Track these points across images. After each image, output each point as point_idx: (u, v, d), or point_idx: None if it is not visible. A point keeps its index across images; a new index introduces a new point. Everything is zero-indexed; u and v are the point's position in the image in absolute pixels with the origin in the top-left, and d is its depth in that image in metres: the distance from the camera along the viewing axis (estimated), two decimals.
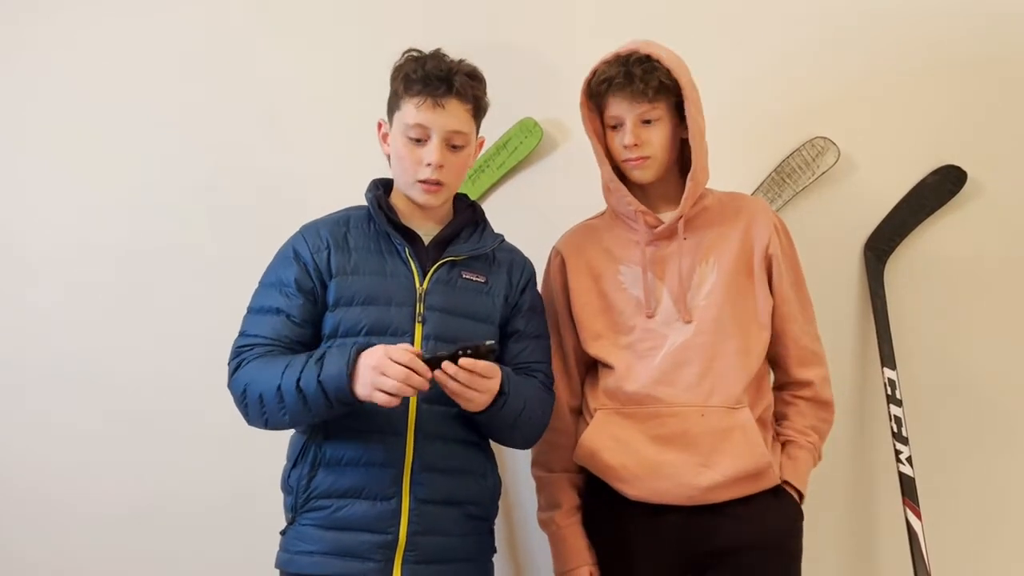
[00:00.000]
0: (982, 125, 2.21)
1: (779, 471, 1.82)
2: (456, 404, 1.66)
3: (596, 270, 1.91)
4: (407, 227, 1.79)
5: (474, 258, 1.80)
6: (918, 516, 2.06)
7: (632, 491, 1.80)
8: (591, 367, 1.92)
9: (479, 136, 1.83)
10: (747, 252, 1.88)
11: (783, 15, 2.26)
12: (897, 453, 2.10)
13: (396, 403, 1.58)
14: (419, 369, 1.57)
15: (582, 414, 1.91)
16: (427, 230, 1.81)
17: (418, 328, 1.72)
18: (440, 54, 1.77)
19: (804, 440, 1.87)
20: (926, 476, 2.11)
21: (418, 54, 1.78)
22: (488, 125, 1.85)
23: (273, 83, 2.36)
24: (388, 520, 1.67)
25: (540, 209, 2.24)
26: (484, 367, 1.60)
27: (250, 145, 2.35)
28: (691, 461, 1.78)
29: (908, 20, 2.22)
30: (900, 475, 2.09)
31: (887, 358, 2.14)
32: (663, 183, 1.88)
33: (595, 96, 1.85)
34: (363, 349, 1.61)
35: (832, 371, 1.94)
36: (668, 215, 1.87)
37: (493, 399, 1.65)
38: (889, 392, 2.12)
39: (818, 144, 2.20)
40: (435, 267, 1.76)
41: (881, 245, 2.20)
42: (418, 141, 1.74)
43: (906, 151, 2.21)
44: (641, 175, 1.86)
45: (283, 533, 1.75)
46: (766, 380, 1.91)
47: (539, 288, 1.93)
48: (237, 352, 1.72)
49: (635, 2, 2.27)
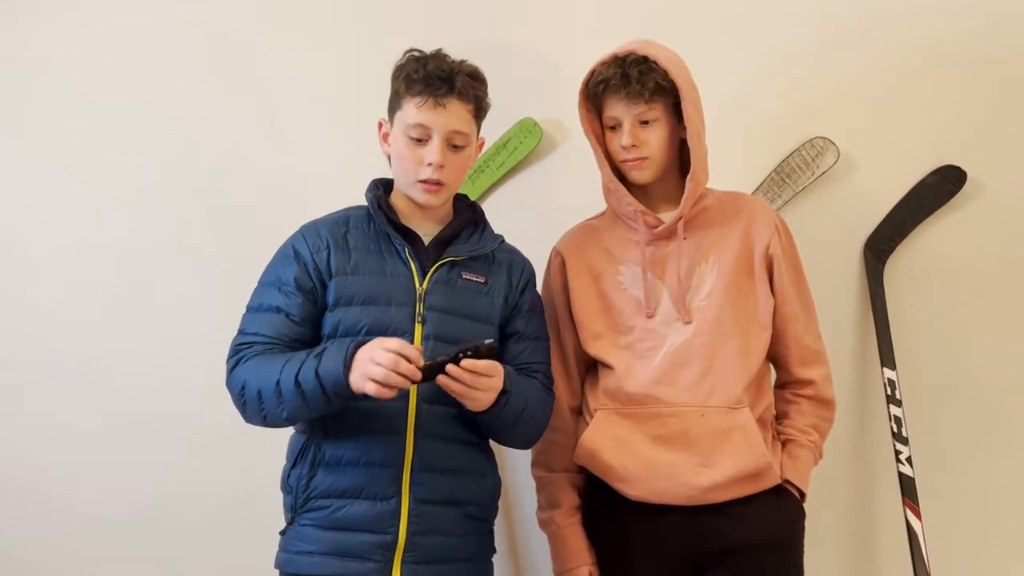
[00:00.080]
0: (982, 125, 2.21)
1: (780, 470, 1.82)
2: (456, 404, 1.66)
3: (596, 270, 1.91)
4: (407, 227, 1.79)
5: (474, 258, 1.80)
6: (918, 516, 2.06)
7: (632, 491, 1.80)
8: (591, 367, 1.92)
9: (479, 137, 1.83)
10: (747, 252, 1.87)
11: (783, 15, 2.25)
12: (897, 453, 2.10)
13: (389, 395, 1.56)
14: (409, 355, 1.55)
15: (582, 414, 1.91)
16: (427, 230, 1.81)
17: (418, 328, 1.72)
18: (442, 54, 1.77)
19: (805, 439, 1.87)
20: (926, 476, 2.11)
21: (420, 54, 1.77)
22: (488, 125, 1.85)
23: (273, 83, 2.36)
24: (388, 520, 1.67)
25: (540, 209, 2.24)
26: (486, 366, 1.60)
27: (250, 145, 2.35)
28: (691, 461, 1.77)
29: (908, 20, 2.22)
30: (900, 475, 2.09)
31: (887, 358, 2.14)
32: (663, 183, 1.88)
33: (593, 97, 1.85)
34: (362, 344, 1.60)
35: (832, 371, 1.94)
36: (668, 215, 1.87)
37: (496, 398, 1.65)
38: (889, 392, 2.12)
39: (818, 144, 2.20)
40: (435, 267, 1.76)
41: (881, 245, 2.20)
42: (419, 141, 1.74)
43: (906, 151, 2.21)
44: (639, 176, 1.86)
45: (283, 533, 1.75)
46: (766, 380, 1.91)
47: (539, 288, 1.93)
48: (236, 350, 1.72)
49: (635, 2, 2.27)
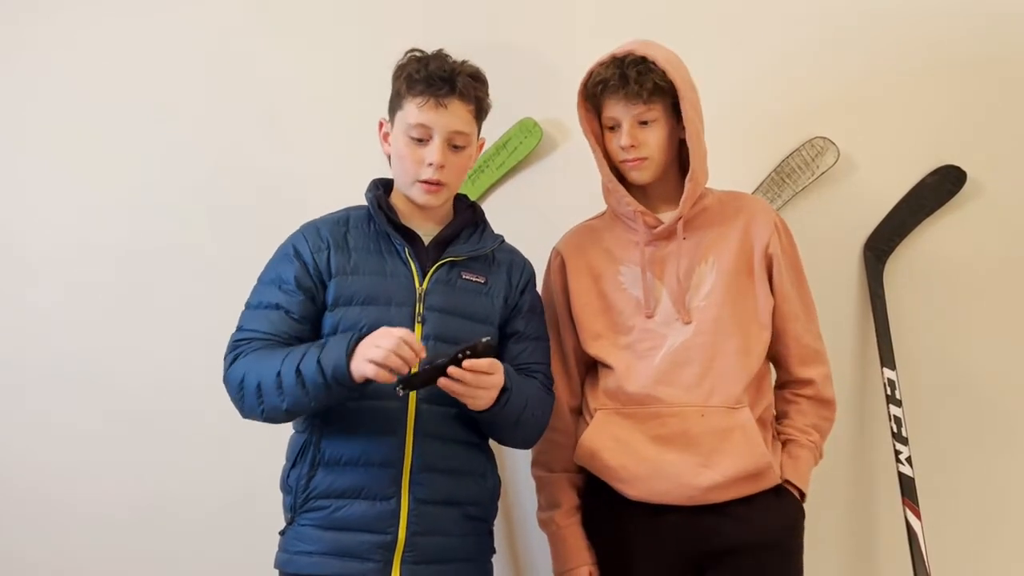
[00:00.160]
0: (982, 125, 2.21)
1: (780, 470, 1.82)
2: (456, 404, 1.66)
3: (596, 270, 1.91)
4: (407, 227, 1.79)
5: (474, 259, 1.80)
6: (918, 516, 2.06)
7: (632, 491, 1.80)
8: (591, 367, 1.92)
9: (480, 137, 1.83)
10: (747, 251, 1.87)
11: (783, 15, 2.25)
12: (897, 453, 2.10)
13: (387, 377, 1.55)
14: (412, 343, 1.56)
15: (582, 414, 1.91)
16: (427, 230, 1.81)
17: (418, 328, 1.71)
18: (443, 54, 1.77)
19: (805, 439, 1.87)
20: (926, 476, 2.11)
21: (421, 54, 1.77)
22: (488, 125, 1.85)
23: (273, 83, 2.35)
24: (387, 520, 1.67)
25: (540, 209, 2.24)
26: (486, 364, 1.60)
27: (250, 145, 2.35)
28: (691, 461, 1.77)
29: (908, 20, 2.22)
30: (900, 475, 2.09)
31: (887, 358, 2.14)
32: (662, 183, 1.88)
33: (592, 98, 1.85)
34: (365, 336, 1.60)
35: (832, 371, 1.94)
36: (668, 215, 1.87)
37: (497, 396, 1.65)
38: (889, 392, 2.12)
39: (818, 144, 2.20)
40: (435, 267, 1.76)
41: (881, 245, 2.20)
42: (420, 141, 1.74)
43: (906, 151, 2.21)
44: (639, 176, 1.85)
45: (282, 533, 1.74)
46: (766, 380, 1.90)
47: (539, 289, 1.93)
48: (234, 345, 1.72)
49: (635, 2, 2.27)
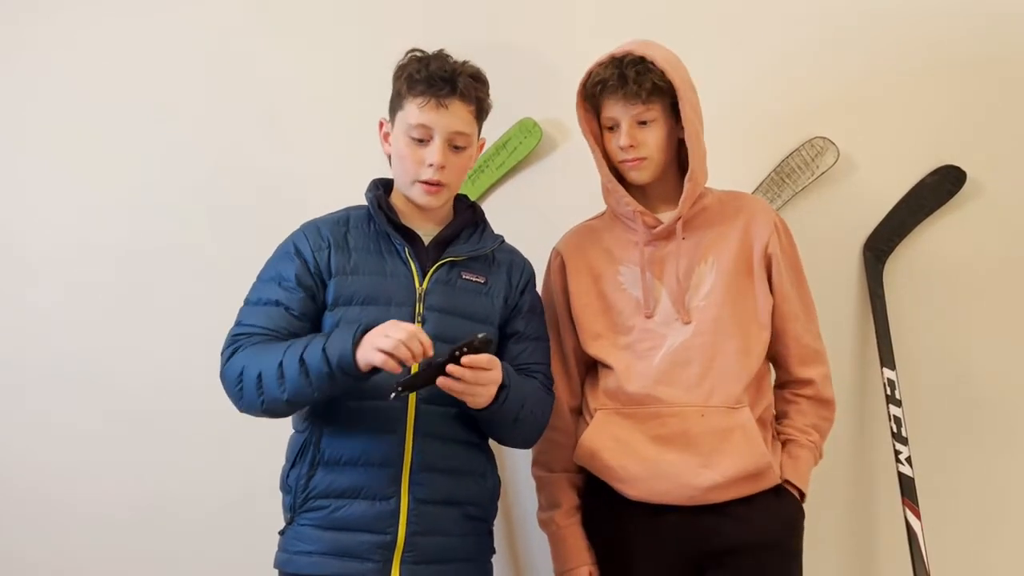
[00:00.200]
0: (982, 125, 2.21)
1: (780, 470, 1.82)
2: (456, 404, 1.66)
3: (596, 271, 1.91)
4: (407, 227, 1.79)
5: (474, 259, 1.80)
6: (917, 516, 2.06)
7: (632, 491, 1.80)
8: (591, 368, 1.92)
9: (480, 137, 1.83)
10: (746, 251, 1.87)
11: (783, 15, 2.25)
12: (896, 453, 2.10)
13: (394, 368, 1.55)
14: (423, 338, 1.56)
15: (582, 414, 1.91)
16: (427, 230, 1.81)
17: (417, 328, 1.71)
18: (444, 55, 1.77)
19: (805, 439, 1.87)
20: (926, 476, 2.11)
21: (422, 54, 1.77)
22: (488, 125, 1.85)
23: (273, 83, 2.35)
24: (387, 520, 1.67)
25: (540, 209, 2.24)
26: (485, 360, 1.60)
27: (250, 145, 2.35)
28: (691, 461, 1.77)
29: (908, 20, 2.22)
30: (899, 475, 2.09)
31: (886, 358, 2.14)
32: (661, 183, 1.88)
33: (591, 98, 1.85)
34: (371, 328, 1.59)
35: (832, 371, 1.94)
36: (667, 215, 1.87)
37: (495, 394, 1.65)
38: (888, 392, 2.12)
39: (818, 144, 2.20)
40: (435, 267, 1.76)
41: (880, 245, 2.20)
42: (420, 141, 1.74)
43: (905, 151, 2.21)
44: (638, 176, 1.86)
45: (282, 533, 1.74)
46: (766, 380, 1.90)
47: (539, 289, 1.93)
48: (233, 339, 1.71)
49: (635, 2, 2.27)
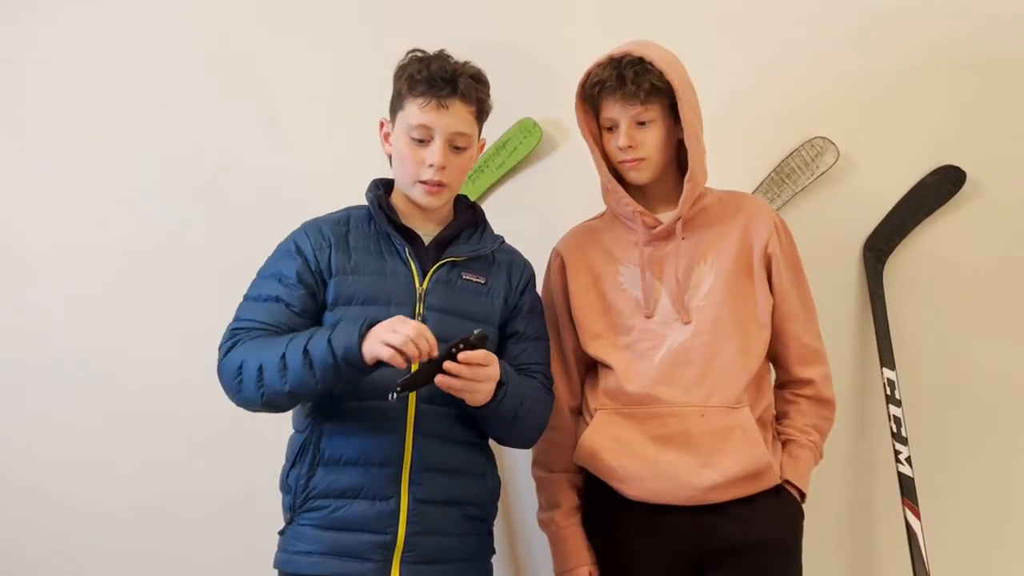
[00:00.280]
0: (982, 125, 2.21)
1: (780, 470, 1.82)
2: (455, 404, 1.66)
3: (596, 271, 1.91)
4: (407, 227, 1.79)
5: (474, 259, 1.80)
6: (917, 516, 2.06)
7: (632, 491, 1.80)
8: (591, 368, 1.92)
9: (480, 138, 1.83)
10: (746, 251, 1.87)
11: (783, 15, 2.25)
12: (896, 453, 2.10)
13: (401, 363, 1.54)
14: (429, 338, 1.56)
15: (582, 414, 1.91)
16: (427, 231, 1.81)
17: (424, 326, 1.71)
18: (445, 55, 1.76)
19: (805, 439, 1.87)
20: (925, 476, 2.11)
21: (422, 54, 1.77)
22: (488, 125, 1.85)
23: (273, 83, 2.36)
24: (387, 520, 1.67)
25: (540, 209, 2.24)
26: (481, 356, 1.60)
27: (250, 145, 2.35)
28: (691, 461, 1.77)
29: (908, 20, 2.22)
30: (899, 475, 2.09)
31: (886, 358, 2.14)
32: (661, 184, 1.88)
33: (589, 99, 1.85)
34: (376, 323, 1.59)
35: (832, 371, 1.94)
36: (667, 215, 1.87)
37: (494, 391, 1.64)
38: (888, 392, 2.12)
39: (817, 144, 2.20)
40: (435, 267, 1.76)
41: (880, 245, 2.20)
42: (421, 142, 1.74)
43: (905, 151, 2.21)
44: (637, 176, 1.86)
45: (281, 533, 1.74)
46: (766, 379, 1.90)
47: (539, 289, 1.93)
48: (232, 334, 1.70)
49: (635, 2, 2.27)
